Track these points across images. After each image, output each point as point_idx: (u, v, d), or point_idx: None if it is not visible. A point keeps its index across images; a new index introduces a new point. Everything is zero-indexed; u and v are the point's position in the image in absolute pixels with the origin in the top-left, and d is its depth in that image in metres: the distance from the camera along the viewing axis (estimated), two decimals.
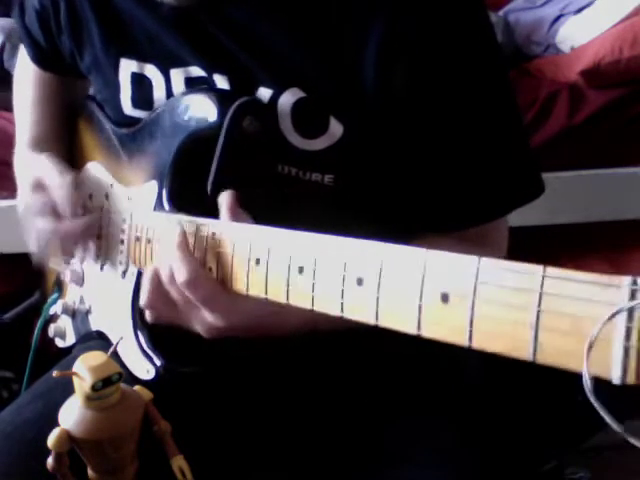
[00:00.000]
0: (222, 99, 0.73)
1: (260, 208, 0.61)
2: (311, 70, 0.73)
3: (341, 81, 0.72)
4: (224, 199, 0.66)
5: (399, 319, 0.47)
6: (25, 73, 1.00)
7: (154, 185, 0.78)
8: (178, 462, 0.63)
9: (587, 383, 0.35)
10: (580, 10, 1.66)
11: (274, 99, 0.73)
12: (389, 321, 0.48)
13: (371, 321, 0.49)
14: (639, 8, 1.55)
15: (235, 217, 0.64)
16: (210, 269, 0.65)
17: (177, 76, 0.79)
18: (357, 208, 0.77)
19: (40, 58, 0.96)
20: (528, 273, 0.39)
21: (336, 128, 0.73)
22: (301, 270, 0.54)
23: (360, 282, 0.49)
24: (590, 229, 1.52)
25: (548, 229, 1.44)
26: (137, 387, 0.64)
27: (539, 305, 0.38)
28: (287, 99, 0.73)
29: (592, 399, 0.35)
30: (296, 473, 0.81)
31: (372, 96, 0.71)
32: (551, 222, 1.45)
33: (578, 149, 1.51)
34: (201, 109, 0.74)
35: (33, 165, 0.89)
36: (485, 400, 0.89)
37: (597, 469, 1.56)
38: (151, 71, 0.81)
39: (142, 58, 0.81)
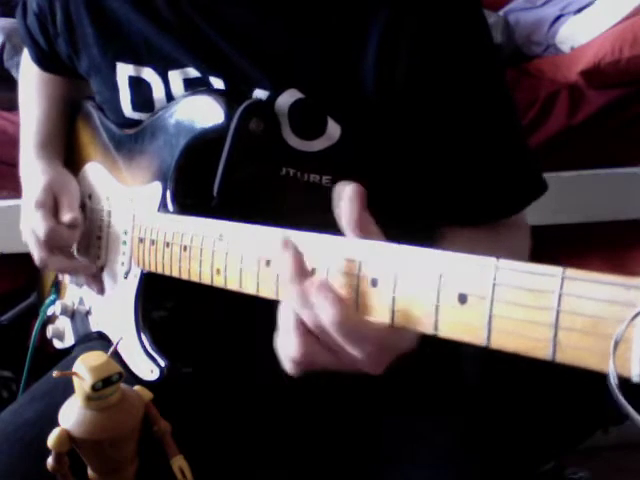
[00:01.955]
0: (229, 101, 0.73)
1: (260, 209, 0.61)
2: (309, 71, 0.73)
3: (340, 82, 0.72)
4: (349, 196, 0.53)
5: (416, 320, 0.47)
6: (30, 71, 1.00)
7: (158, 186, 0.78)
8: (178, 462, 0.63)
9: (614, 381, 0.36)
10: (580, 10, 1.65)
11: (271, 100, 0.73)
12: (405, 322, 0.48)
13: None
14: (639, 8, 1.55)
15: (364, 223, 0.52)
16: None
17: (175, 78, 0.79)
18: None
19: (41, 59, 0.96)
20: (548, 274, 0.39)
21: (334, 129, 0.73)
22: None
23: (375, 283, 0.49)
24: (590, 229, 1.52)
25: (548, 229, 1.44)
26: (137, 387, 0.64)
27: (559, 305, 0.38)
28: (285, 100, 0.73)
29: (619, 397, 0.35)
30: (296, 473, 0.81)
31: (371, 97, 0.71)
32: (551, 222, 1.45)
33: (578, 149, 1.51)
34: (207, 110, 0.74)
35: (47, 176, 0.89)
36: (485, 400, 0.89)
37: (597, 469, 1.56)
38: (149, 74, 0.81)
39: (139, 62, 0.81)
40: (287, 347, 0.54)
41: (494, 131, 0.75)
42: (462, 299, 0.43)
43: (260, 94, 0.74)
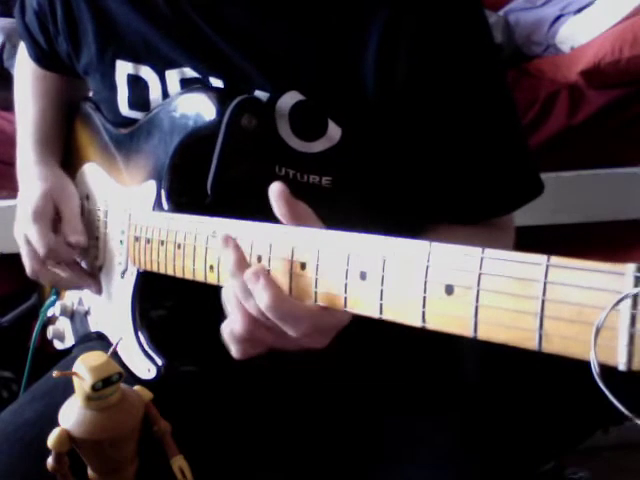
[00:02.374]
0: (220, 97, 0.73)
1: (258, 209, 0.61)
2: (310, 73, 0.73)
3: (340, 84, 0.72)
4: (276, 190, 0.57)
5: (403, 312, 0.47)
6: (26, 68, 1.00)
7: (152, 185, 0.78)
8: (178, 462, 0.63)
9: (595, 369, 0.35)
10: (580, 10, 1.65)
11: (271, 102, 0.73)
12: (393, 314, 0.48)
13: (375, 315, 0.49)
14: (639, 8, 1.55)
15: (293, 208, 0.57)
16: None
17: (172, 77, 0.79)
18: (355, 209, 0.77)
19: (40, 57, 0.96)
20: (533, 263, 0.39)
21: (335, 131, 0.73)
22: (303, 266, 0.54)
23: (363, 276, 0.49)
24: (590, 229, 1.52)
25: (548, 229, 1.44)
26: (137, 387, 0.64)
27: (544, 294, 0.38)
28: (285, 102, 0.73)
29: (600, 384, 0.35)
30: (296, 473, 0.81)
31: (371, 99, 0.71)
32: (551, 222, 1.45)
33: (578, 149, 1.51)
34: (199, 108, 0.74)
35: (46, 183, 0.89)
36: (485, 400, 0.89)
37: (597, 469, 1.56)
38: (146, 72, 0.81)
39: (137, 60, 0.81)
40: (232, 325, 0.59)
41: (493, 131, 0.75)
42: (449, 290, 0.43)
43: (260, 95, 0.74)
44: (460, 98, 0.73)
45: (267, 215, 0.58)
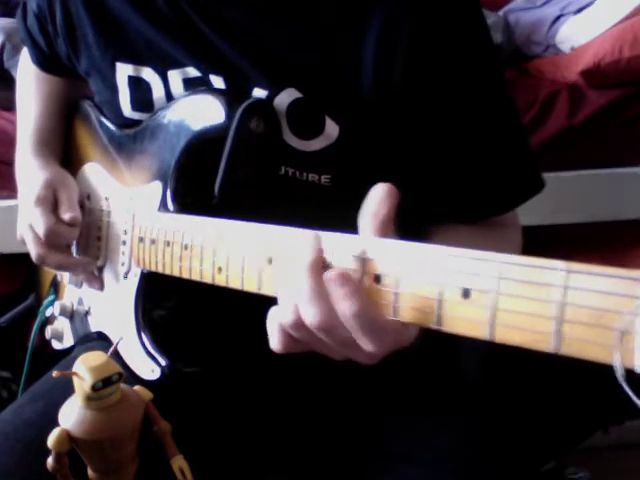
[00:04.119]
0: (230, 100, 0.73)
1: (260, 208, 0.61)
2: (307, 71, 0.73)
3: (338, 82, 0.72)
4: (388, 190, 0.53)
5: (419, 315, 0.47)
6: (28, 71, 1.01)
7: (158, 186, 0.78)
8: (178, 462, 0.63)
9: (620, 370, 0.36)
10: (580, 10, 1.66)
11: (269, 100, 0.73)
12: (409, 317, 0.48)
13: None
14: (639, 8, 1.55)
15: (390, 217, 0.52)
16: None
17: (175, 77, 0.79)
18: (355, 207, 0.77)
19: (41, 60, 0.96)
20: (552, 268, 0.39)
21: (332, 129, 0.73)
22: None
23: (378, 279, 0.49)
24: (590, 229, 1.52)
25: (548, 229, 1.44)
26: (137, 387, 0.64)
27: (563, 299, 0.39)
28: (283, 100, 0.73)
29: (625, 386, 0.35)
30: (297, 472, 0.81)
31: (369, 96, 0.71)
32: (551, 222, 1.45)
33: (578, 149, 1.51)
34: (207, 110, 0.74)
35: (46, 172, 0.89)
36: (485, 399, 0.89)
37: (597, 469, 1.56)
38: (148, 74, 0.81)
39: (138, 61, 0.81)
40: (282, 316, 0.53)
41: (491, 128, 0.75)
42: (465, 294, 0.44)
43: (259, 93, 0.74)
44: (457, 96, 0.73)
45: (271, 215, 0.58)
